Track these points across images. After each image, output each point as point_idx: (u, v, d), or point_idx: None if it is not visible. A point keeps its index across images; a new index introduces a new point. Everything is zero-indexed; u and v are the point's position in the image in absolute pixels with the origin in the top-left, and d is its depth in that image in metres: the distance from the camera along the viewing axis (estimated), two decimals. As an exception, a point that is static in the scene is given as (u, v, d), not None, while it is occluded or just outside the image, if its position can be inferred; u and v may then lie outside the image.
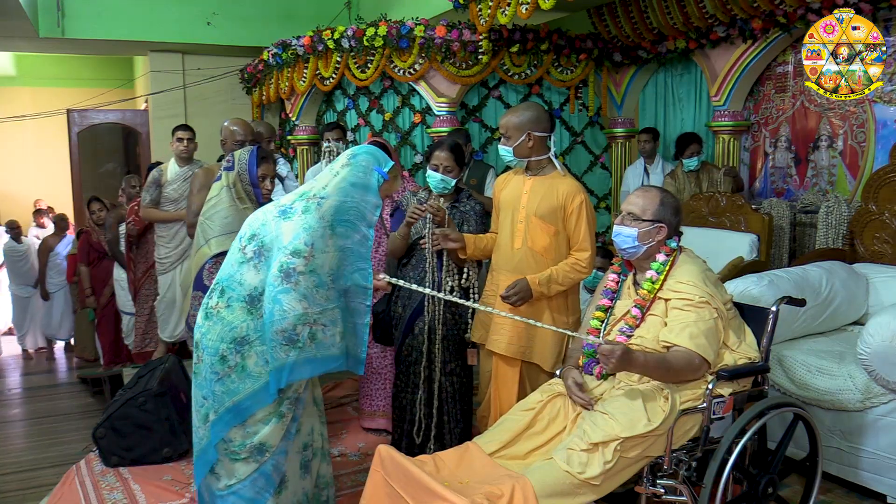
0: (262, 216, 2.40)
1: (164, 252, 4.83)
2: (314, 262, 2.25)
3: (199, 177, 3.89)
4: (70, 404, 5.50)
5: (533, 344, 2.94)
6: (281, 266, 2.23)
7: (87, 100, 8.84)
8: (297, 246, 2.24)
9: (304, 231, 2.26)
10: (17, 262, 7.54)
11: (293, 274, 2.22)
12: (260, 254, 2.33)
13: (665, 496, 2.33)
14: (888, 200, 3.92)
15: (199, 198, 3.63)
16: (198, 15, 7.44)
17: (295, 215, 2.31)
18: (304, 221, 2.28)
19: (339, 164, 2.42)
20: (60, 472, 3.63)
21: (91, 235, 5.94)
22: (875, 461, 2.99)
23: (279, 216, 2.35)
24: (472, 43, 5.50)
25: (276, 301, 2.22)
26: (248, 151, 3.21)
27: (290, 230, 2.28)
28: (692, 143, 5.13)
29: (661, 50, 5.77)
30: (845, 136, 4.87)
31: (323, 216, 2.30)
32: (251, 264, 2.33)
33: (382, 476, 2.23)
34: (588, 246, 2.90)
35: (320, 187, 2.37)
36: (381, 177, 2.42)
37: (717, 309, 2.40)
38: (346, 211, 2.34)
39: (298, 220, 2.29)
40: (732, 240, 4.48)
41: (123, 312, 5.51)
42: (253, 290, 2.32)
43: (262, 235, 2.35)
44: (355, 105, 6.12)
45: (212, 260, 3.18)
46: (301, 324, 2.22)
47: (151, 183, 4.76)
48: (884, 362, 2.86)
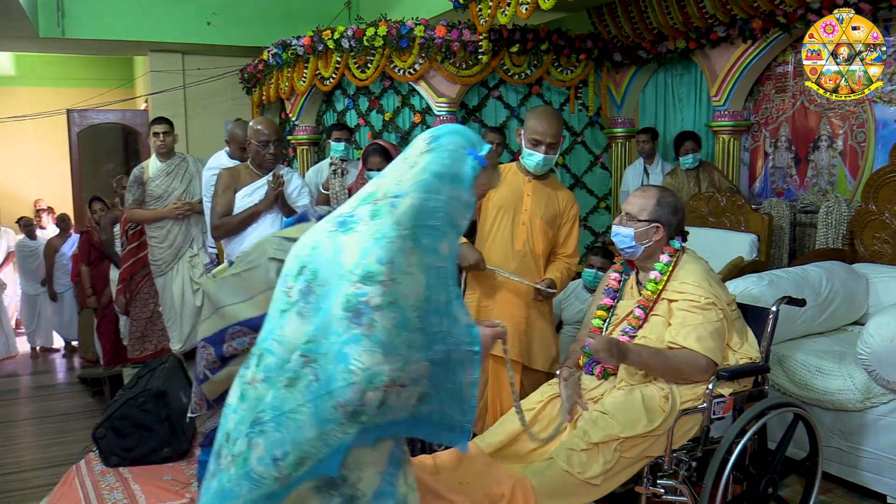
0: (313, 237, 1.68)
1: (158, 253, 4.67)
2: (394, 289, 1.51)
3: (224, 178, 3.65)
4: (70, 404, 5.50)
5: (532, 346, 2.95)
6: (347, 301, 1.50)
7: (87, 100, 8.84)
8: (369, 266, 1.51)
9: (376, 243, 1.53)
10: (28, 259, 7.63)
11: (365, 311, 1.48)
12: (309, 291, 1.59)
13: (665, 496, 2.33)
14: (888, 200, 3.92)
15: (223, 199, 3.54)
16: (198, 15, 7.43)
17: (360, 224, 1.59)
18: (375, 230, 1.56)
19: (415, 150, 1.72)
20: (60, 472, 3.63)
21: (92, 235, 5.93)
22: (875, 461, 2.99)
23: (336, 229, 1.62)
24: (472, 43, 5.50)
25: (342, 358, 1.48)
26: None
27: (355, 245, 1.55)
28: (686, 140, 5.13)
29: (661, 50, 5.77)
30: (845, 136, 4.86)
31: (399, 221, 1.56)
32: (294, 311, 1.59)
33: (382, 476, 2.22)
34: (577, 253, 3.10)
35: (392, 183, 1.65)
36: (478, 163, 1.70)
37: (723, 310, 2.41)
38: (431, 213, 1.60)
39: (366, 229, 1.57)
40: (732, 240, 4.48)
41: (121, 313, 5.50)
42: (294, 351, 1.56)
43: (313, 264, 1.61)
44: (355, 105, 6.12)
45: None
46: (373, 388, 1.47)
47: (133, 182, 4.63)
48: (884, 362, 2.86)
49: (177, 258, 4.68)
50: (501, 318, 2.92)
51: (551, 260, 3.07)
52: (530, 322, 2.98)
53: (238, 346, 2.36)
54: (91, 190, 8.13)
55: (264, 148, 3.57)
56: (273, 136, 3.61)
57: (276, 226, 3.51)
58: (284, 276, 1.69)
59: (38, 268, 7.60)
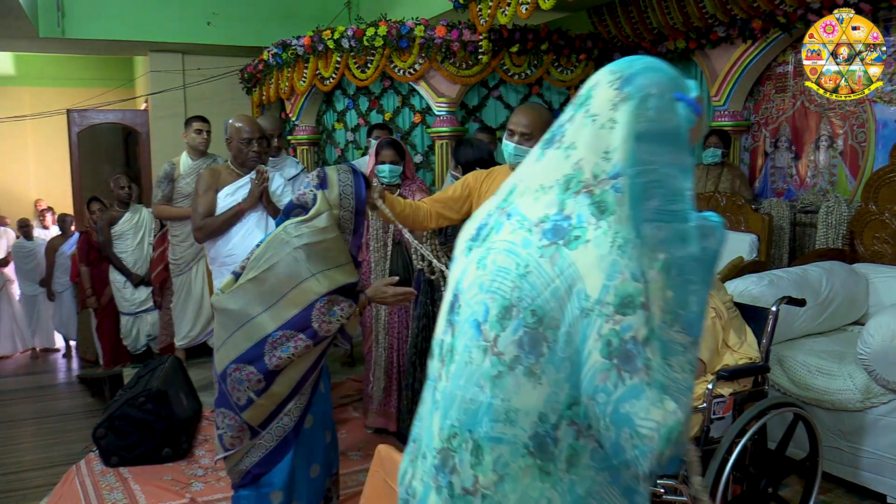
0: (511, 258, 1.17)
1: (179, 252, 4.65)
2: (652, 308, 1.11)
3: (205, 177, 3.47)
4: (70, 404, 5.51)
5: None
6: (606, 344, 1.09)
7: (87, 100, 8.84)
8: (625, 287, 1.09)
9: (621, 253, 1.10)
10: (25, 259, 7.63)
11: (637, 352, 1.08)
12: (536, 341, 1.13)
13: (665, 496, 2.33)
14: (888, 200, 3.92)
15: (205, 199, 3.38)
16: (198, 15, 7.43)
17: (589, 228, 1.13)
18: (613, 232, 1.12)
19: (601, 99, 1.20)
20: (60, 472, 3.63)
21: (91, 235, 5.92)
22: (875, 461, 2.99)
23: (553, 241, 1.14)
24: (472, 43, 5.50)
25: (625, 421, 1.08)
26: (349, 171, 2.41)
27: (594, 262, 1.10)
28: (712, 135, 5.10)
29: (661, 50, 5.77)
30: (845, 136, 4.86)
31: (628, 213, 1.13)
32: (519, 372, 1.14)
33: (382, 476, 2.23)
34: None
35: (595, 154, 1.17)
36: (692, 112, 1.21)
37: (715, 308, 2.40)
38: (657, 188, 1.15)
39: (597, 234, 1.12)
40: (732, 240, 4.48)
41: (122, 313, 5.50)
42: (538, 423, 1.15)
43: (530, 299, 1.13)
44: (355, 105, 6.12)
45: (325, 298, 2.28)
46: (674, 441, 1.09)
47: (164, 178, 4.57)
48: (884, 362, 2.86)
49: (197, 258, 4.65)
50: None
51: None
52: None
53: (283, 354, 2.23)
54: (91, 190, 8.13)
55: (247, 146, 3.42)
56: (256, 133, 3.45)
57: (261, 225, 3.38)
58: (468, 323, 1.20)
59: (35, 268, 7.60)
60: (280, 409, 2.32)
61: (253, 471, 2.35)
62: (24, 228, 7.69)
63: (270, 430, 2.33)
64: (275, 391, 2.28)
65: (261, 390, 2.26)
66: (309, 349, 2.27)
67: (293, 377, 2.30)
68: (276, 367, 2.24)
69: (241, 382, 2.26)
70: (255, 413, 2.29)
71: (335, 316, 2.28)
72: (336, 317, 2.29)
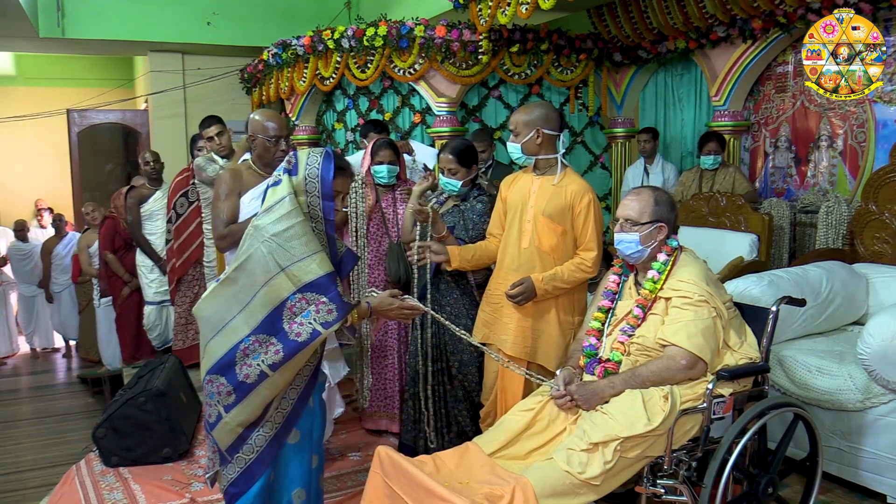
0: None
1: (212, 254, 4.45)
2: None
3: (226, 180, 3.11)
4: (70, 404, 5.51)
5: (538, 343, 2.95)
6: None
7: (87, 100, 8.84)
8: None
9: None
10: (22, 261, 7.63)
11: None
12: None
13: (665, 496, 2.33)
14: (888, 200, 3.92)
15: (228, 204, 3.07)
16: (198, 15, 7.44)
17: None
18: None
19: None
20: (60, 472, 3.64)
21: (118, 222, 5.59)
22: (875, 461, 2.99)
23: None
24: (472, 43, 5.50)
25: None
26: (319, 154, 2.26)
27: None
28: (710, 141, 5.11)
29: (661, 50, 5.77)
30: (845, 136, 4.86)
31: None
32: None
33: (382, 478, 2.23)
34: (594, 246, 2.90)
35: None
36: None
37: (716, 308, 2.41)
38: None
39: None
40: (732, 240, 4.48)
41: (147, 303, 5.26)
42: None
43: None
44: (355, 105, 6.12)
45: (296, 296, 2.10)
46: None
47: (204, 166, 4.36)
48: (884, 362, 2.86)
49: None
50: (509, 314, 2.95)
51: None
52: (536, 319, 2.97)
53: (254, 362, 2.05)
54: (91, 190, 8.15)
55: (275, 144, 3.11)
56: (283, 130, 3.18)
57: None
58: None
59: (32, 269, 7.59)
60: (248, 434, 2.15)
61: (230, 490, 2.17)
62: (19, 232, 7.66)
63: (243, 451, 2.15)
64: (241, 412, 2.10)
65: (230, 405, 2.09)
66: (284, 364, 2.07)
67: (266, 396, 2.12)
68: (246, 379, 2.06)
69: (212, 396, 2.10)
70: (222, 433, 2.13)
71: (308, 317, 2.06)
72: (309, 318, 2.06)
